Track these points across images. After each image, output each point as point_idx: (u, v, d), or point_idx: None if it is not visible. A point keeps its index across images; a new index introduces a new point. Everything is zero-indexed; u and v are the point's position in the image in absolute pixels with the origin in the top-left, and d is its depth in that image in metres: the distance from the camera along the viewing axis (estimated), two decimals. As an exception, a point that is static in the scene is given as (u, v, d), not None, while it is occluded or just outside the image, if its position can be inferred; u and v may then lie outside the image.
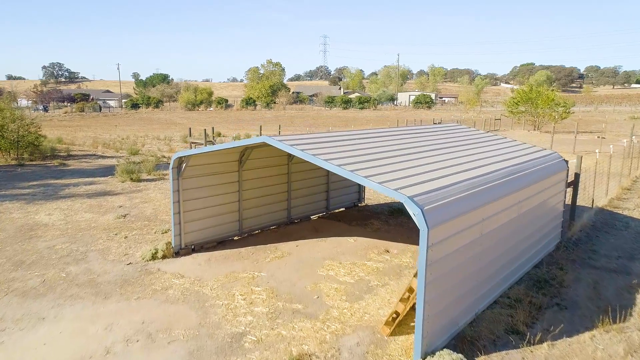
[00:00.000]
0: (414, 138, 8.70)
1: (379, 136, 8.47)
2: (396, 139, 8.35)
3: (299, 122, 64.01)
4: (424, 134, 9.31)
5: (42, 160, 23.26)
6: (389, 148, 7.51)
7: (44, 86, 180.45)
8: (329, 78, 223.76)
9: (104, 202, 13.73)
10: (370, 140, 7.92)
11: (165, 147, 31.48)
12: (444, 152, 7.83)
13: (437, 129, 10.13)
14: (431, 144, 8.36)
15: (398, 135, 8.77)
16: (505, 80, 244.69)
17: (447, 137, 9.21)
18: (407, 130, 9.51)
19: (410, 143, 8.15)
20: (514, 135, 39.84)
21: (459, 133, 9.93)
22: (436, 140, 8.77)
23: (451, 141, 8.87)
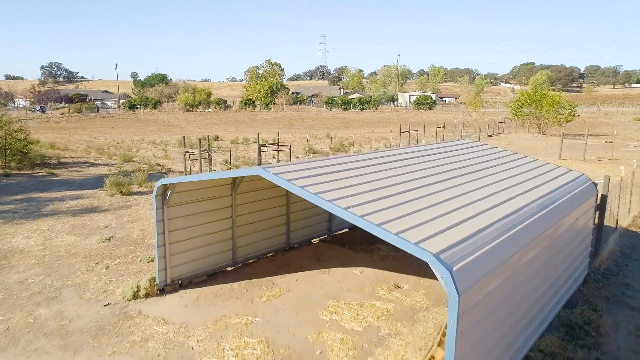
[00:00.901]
0: (425, 162, 7.72)
1: (386, 161, 7.48)
2: (406, 164, 7.38)
3: (298, 123, 63.02)
4: (436, 155, 8.33)
5: (30, 169, 22.28)
6: (400, 178, 6.54)
7: (42, 86, 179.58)
8: (329, 78, 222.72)
9: (89, 220, 12.75)
10: (377, 168, 6.95)
11: (161, 152, 30.53)
12: (463, 181, 6.86)
13: (451, 148, 9.15)
14: (447, 169, 7.39)
15: (408, 159, 7.80)
16: (506, 80, 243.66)
17: (463, 159, 8.23)
18: (416, 151, 8.53)
19: (423, 170, 7.17)
20: (519, 139, 38.91)
21: (474, 153, 8.96)
22: (452, 164, 7.79)
23: (468, 165, 7.90)
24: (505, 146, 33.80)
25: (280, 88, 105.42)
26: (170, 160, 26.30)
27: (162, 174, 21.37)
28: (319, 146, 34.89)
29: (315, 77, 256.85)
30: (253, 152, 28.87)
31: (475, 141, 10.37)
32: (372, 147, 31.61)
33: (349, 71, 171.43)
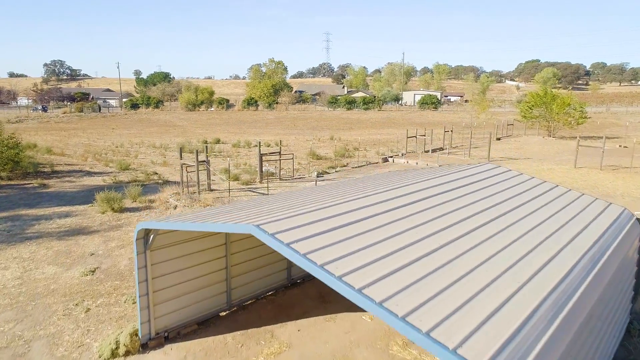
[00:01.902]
0: (445, 203, 6.62)
1: (399, 205, 6.37)
2: (423, 208, 6.28)
3: (301, 124, 61.97)
4: (456, 191, 7.25)
5: (22, 179, 21.36)
6: (420, 232, 5.48)
7: (45, 84, 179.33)
8: (332, 75, 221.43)
9: (75, 245, 11.78)
10: (393, 217, 5.85)
11: (160, 157, 29.56)
12: (495, 231, 5.79)
13: (471, 178, 8.06)
14: (471, 213, 6.30)
15: (425, 199, 6.70)
16: (511, 77, 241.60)
17: (489, 196, 7.15)
18: (434, 186, 7.43)
19: (443, 216, 6.08)
20: (529, 143, 37.74)
21: (500, 185, 7.88)
22: (477, 204, 6.71)
23: (497, 204, 6.82)
24: (516, 150, 32.66)
25: (284, 87, 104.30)
26: (169, 167, 25.33)
27: (158, 184, 20.42)
28: (322, 150, 33.83)
29: (318, 74, 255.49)
30: (255, 158, 27.80)
31: (497, 166, 9.30)
32: (378, 153, 30.55)
33: (353, 69, 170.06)
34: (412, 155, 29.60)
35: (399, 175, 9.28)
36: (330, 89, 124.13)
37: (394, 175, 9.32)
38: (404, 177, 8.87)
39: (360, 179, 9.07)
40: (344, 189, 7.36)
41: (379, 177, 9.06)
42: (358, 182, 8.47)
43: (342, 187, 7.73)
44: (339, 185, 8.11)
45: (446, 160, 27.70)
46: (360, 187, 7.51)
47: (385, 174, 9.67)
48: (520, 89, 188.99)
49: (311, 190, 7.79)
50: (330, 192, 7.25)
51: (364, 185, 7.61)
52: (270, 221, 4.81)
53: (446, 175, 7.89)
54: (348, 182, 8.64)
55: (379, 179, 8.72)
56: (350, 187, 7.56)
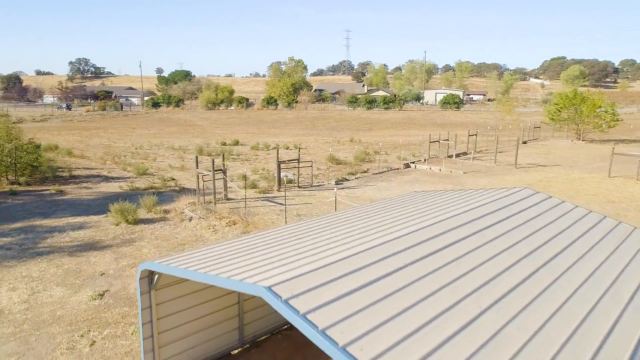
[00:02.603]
0: (484, 247, 5.86)
1: (429, 252, 5.61)
2: (459, 254, 5.53)
3: (320, 124, 61.31)
4: (494, 229, 6.45)
5: (40, 184, 21.28)
6: (459, 289, 4.75)
7: (70, 81, 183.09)
8: (352, 73, 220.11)
9: (85, 263, 11.39)
10: (424, 270, 5.10)
11: (178, 161, 29.31)
12: (548, 285, 5.02)
13: (508, 210, 7.24)
14: (516, 261, 5.50)
15: (458, 241, 5.94)
16: (535, 75, 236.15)
17: (533, 237, 6.33)
18: (464, 221, 6.63)
19: (484, 265, 5.33)
20: (557, 147, 36.28)
21: (541, 219, 7.04)
22: (521, 248, 5.91)
23: (542, 248, 6.00)
24: (543, 156, 31.35)
25: (303, 85, 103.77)
26: (186, 172, 24.99)
27: (174, 191, 20.06)
28: (342, 154, 33.13)
29: (338, 72, 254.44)
30: (273, 162, 27.28)
31: (535, 192, 8.45)
32: (400, 157, 29.68)
33: (373, 67, 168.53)
34: (435, 160, 28.64)
35: (423, 199, 8.53)
36: (350, 88, 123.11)
37: (416, 199, 8.57)
38: (428, 202, 8.13)
39: (377, 204, 8.35)
40: (360, 224, 6.67)
41: (398, 203, 8.32)
42: (375, 210, 7.77)
43: (358, 220, 7.03)
44: (356, 216, 7.42)
45: (470, 166, 26.68)
46: (378, 220, 6.81)
47: (406, 197, 8.93)
48: (545, 87, 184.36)
49: (325, 221, 7.12)
50: (347, 226, 6.57)
51: (381, 218, 6.90)
52: (281, 281, 4.16)
53: (479, 208, 7.10)
54: (365, 209, 7.93)
55: (398, 206, 8.00)
56: (367, 220, 6.86)
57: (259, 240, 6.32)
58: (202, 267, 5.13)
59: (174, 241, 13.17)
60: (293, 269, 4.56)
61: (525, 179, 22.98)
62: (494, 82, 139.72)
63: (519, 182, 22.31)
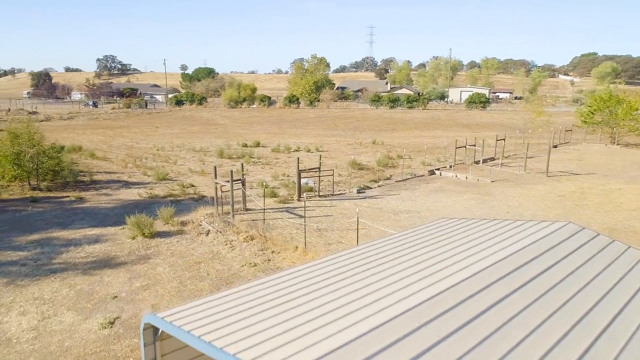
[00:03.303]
0: (526, 314, 5.11)
1: (466, 321, 4.92)
2: (496, 325, 4.82)
3: (342, 124, 60.56)
4: (535, 286, 5.68)
5: (61, 190, 21.27)
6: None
7: (97, 78, 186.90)
8: (375, 70, 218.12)
9: (99, 284, 11.06)
10: (463, 347, 4.43)
11: (198, 164, 29.09)
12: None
13: (549, 258, 6.42)
14: (567, 332, 4.77)
15: (493, 306, 5.22)
16: (564, 71, 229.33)
17: (590, 295, 5.53)
18: (499, 275, 5.87)
19: (529, 339, 4.61)
20: (590, 152, 34.69)
21: (589, 267, 6.24)
22: (581, 320, 5.13)
23: (608, 317, 5.19)
24: (576, 162, 29.94)
25: (325, 83, 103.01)
26: (206, 177, 24.69)
27: (193, 199, 19.73)
28: (364, 157, 32.39)
29: (361, 68, 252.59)
30: (294, 167, 26.74)
31: (580, 228, 7.58)
32: (424, 163, 28.77)
33: (396, 64, 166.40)
34: (461, 166, 27.62)
35: (455, 232, 7.79)
36: (373, 85, 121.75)
37: (447, 232, 7.83)
38: (460, 238, 7.39)
39: (401, 238, 7.65)
40: (388, 270, 6.00)
41: (426, 238, 7.58)
42: (401, 247, 7.07)
43: (384, 263, 6.37)
44: (381, 255, 6.74)
45: (498, 174, 25.59)
46: (406, 265, 6.13)
47: (436, 228, 8.19)
48: (575, 84, 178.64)
49: (350, 262, 6.48)
50: (375, 272, 5.92)
51: (408, 263, 6.21)
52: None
53: (521, 252, 6.32)
54: (389, 245, 7.25)
55: (426, 242, 7.28)
56: (395, 264, 6.19)
57: (281, 284, 5.74)
58: (209, 330, 4.58)
59: (190, 259, 12.75)
60: (313, 344, 3.95)
61: (558, 190, 21.83)
62: (521, 79, 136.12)
63: (551, 193, 21.20)
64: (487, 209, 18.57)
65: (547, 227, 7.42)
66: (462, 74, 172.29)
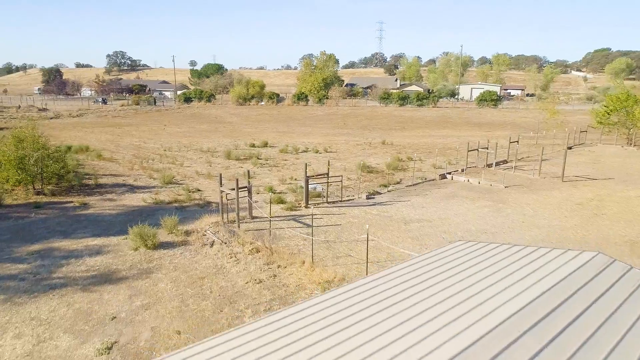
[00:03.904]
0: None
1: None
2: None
3: (351, 122, 59.87)
4: (576, 335, 5.14)
5: (65, 194, 20.97)
6: None
7: (107, 74, 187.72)
8: (385, 66, 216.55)
9: (98, 302, 10.66)
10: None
11: (205, 166, 28.69)
12: None
13: (586, 297, 5.84)
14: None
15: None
16: (577, 67, 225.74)
17: (629, 344, 4.98)
18: (525, 324, 5.32)
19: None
20: (605, 154, 33.74)
21: (630, 308, 5.66)
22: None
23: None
24: (592, 165, 29.05)
25: (334, 80, 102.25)
26: (212, 180, 24.26)
27: (198, 206, 19.31)
28: (373, 159, 31.79)
29: (370, 64, 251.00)
30: (302, 170, 26.22)
31: (612, 260, 6.96)
32: (435, 166, 28.08)
33: (406, 60, 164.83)
34: (473, 170, 26.91)
35: (472, 263, 7.22)
36: (382, 82, 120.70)
37: (464, 262, 7.27)
38: (479, 270, 6.82)
39: (415, 269, 7.09)
40: (403, 311, 5.46)
41: (441, 270, 7.02)
42: (415, 282, 6.53)
43: (397, 302, 5.83)
44: (394, 291, 6.20)
45: (512, 179, 24.86)
46: (422, 307, 5.59)
47: (452, 257, 7.62)
48: (588, 80, 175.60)
49: (360, 300, 5.95)
50: (387, 315, 5.39)
51: (424, 305, 5.67)
52: None
53: (548, 293, 5.74)
54: (403, 277, 6.70)
55: (443, 274, 6.73)
56: (410, 304, 5.65)
57: (281, 331, 5.24)
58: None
59: (193, 273, 12.31)
60: None
61: (574, 197, 21.08)
62: (533, 76, 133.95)
63: (567, 200, 20.47)
64: (501, 218, 17.92)
65: (575, 259, 6.82)
66: (473, 70, 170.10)
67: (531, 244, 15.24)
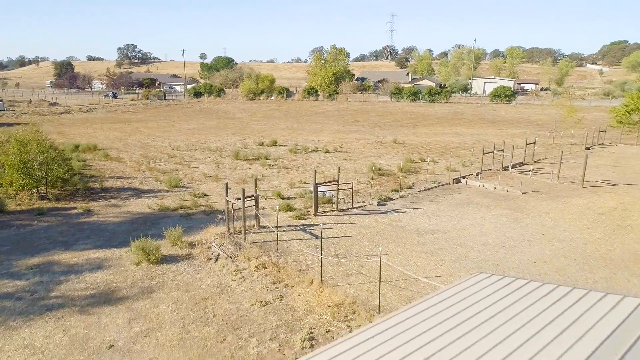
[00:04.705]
0: None
1: None
2: None
3: (362, 119, 58.95)
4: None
5: (70, 199, 20.56)
6: None
7: (118, 67, 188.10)
8: (396, 59, 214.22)
9: (95, 327, 10.12)
10: None
11: (213, 167, 28.14)
12: None
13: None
14: None
15: None
16: (592, 60, 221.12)
17: None
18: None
19: None
20: (626, 155, 32.53)
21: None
22: None
23: None
24: (612, 169, 27.94)
25: (345, 75, 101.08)
26: (219, 183, 23.69)
27: (204, 213, 18.73)
28: (385, 160, 30.99)
29: (381, 57, 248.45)
30: (311, 172, 25.55)
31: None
32: (448, 168, 27.20)
33: (417, 53, 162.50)
34: (489, 174, 25.99)
35: (490, 315, 6.48)
36: (394, 76, 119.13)
37: (491, 306, 6.54)
38: (500, 325, 6.10)
39: (435, 314, 6.38)
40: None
41: (467, 316, 6.32)
42: (435, 334, 5.83)
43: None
44: (416, 342, 5.52)
45: (529, 184, 23.93)
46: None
47: (475, 296, 6.89)
48: (604, 74, 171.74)
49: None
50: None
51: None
52: None
53: (600, 350, 5.02)
54: (422, 326, 6.00)
55: (469, 322, 6.02)
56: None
57: None
58: None
59: (197, 293, 11.73)
60: None
61: (596, 205, 20.13)
62: (548, 69, 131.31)
63: (589, 209, 19.53)
64: (519, 229, 17.09)
65: (618, 308, 6.06)
66: (486, 63, 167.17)
67: (553, 259, 14.44)
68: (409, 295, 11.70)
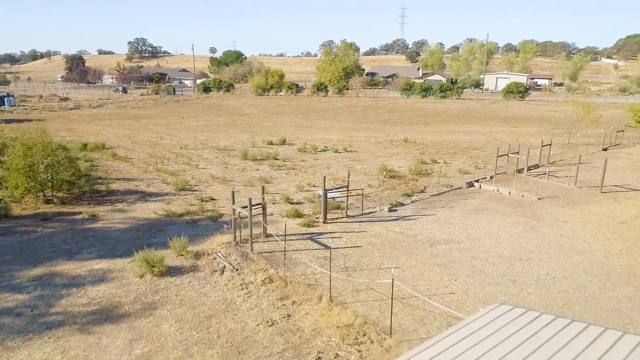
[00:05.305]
0: None
1: None
2: None
3: (372, 115, 58.17)
4: None
5: (75, 203, 20.27)
6: None
7: (128, 61, 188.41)
8: (406, 53, 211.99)
9: (95, 349, 9.74)
10: None
11: (221, 168, 27.73)
12: None
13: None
14: None
15: None
16: (607, 54, 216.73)
17: None
18: None
19: None
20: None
21: None
22: None
23: None
24: (632, 172, 27.02)
25: (355, 70, 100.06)
26: (227, 186, 23.29)
27: (210, 219, 18.31)
28: (395, 161, 30.35)
29: (392, 51, 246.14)
30: (321, 174, 25.06)
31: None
32: (461, 171, 26.47)
33: (428, 47, 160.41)
34: (503, 177, 25.25)
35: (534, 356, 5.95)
36: (404, 71, 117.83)
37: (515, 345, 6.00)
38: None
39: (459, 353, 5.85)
40: None
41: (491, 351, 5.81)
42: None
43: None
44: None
45: (545, 188, 23.17)
46: None
47: (499, 333, 6.35)
48: (619, 68, 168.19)
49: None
50: None
51: None
52: None
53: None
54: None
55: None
56: None
57: None
58: None
59: (201, 310, 11.31)
60: None
61: (616, 213, 19.37)
62: (562, 64, 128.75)
63: (609, 217, 18.78)
64: (536, 239, 16.43)
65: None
66: (498, 58, 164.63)
67: (572, 275, 13.78)
68: (422, 315, 11.18)
